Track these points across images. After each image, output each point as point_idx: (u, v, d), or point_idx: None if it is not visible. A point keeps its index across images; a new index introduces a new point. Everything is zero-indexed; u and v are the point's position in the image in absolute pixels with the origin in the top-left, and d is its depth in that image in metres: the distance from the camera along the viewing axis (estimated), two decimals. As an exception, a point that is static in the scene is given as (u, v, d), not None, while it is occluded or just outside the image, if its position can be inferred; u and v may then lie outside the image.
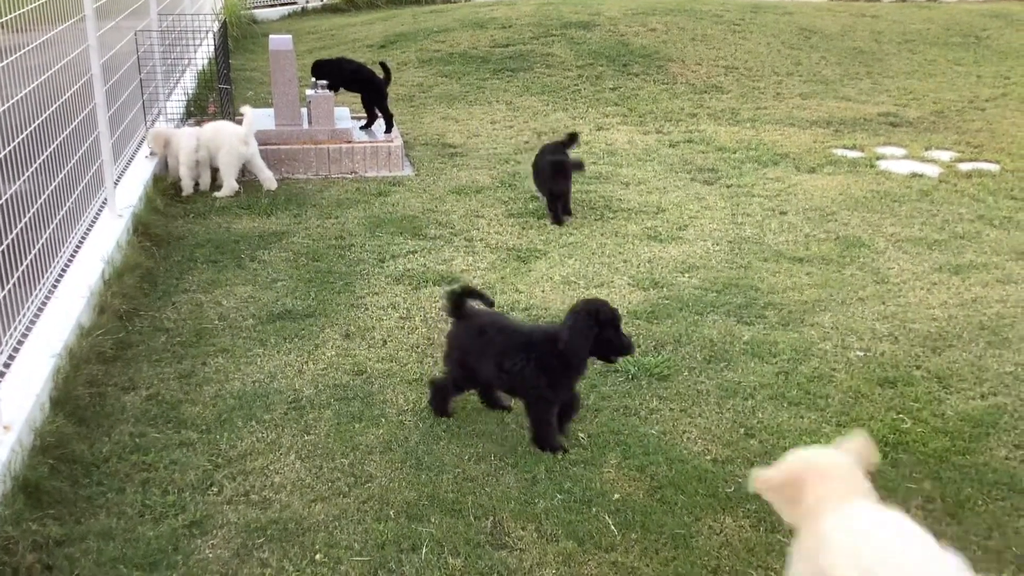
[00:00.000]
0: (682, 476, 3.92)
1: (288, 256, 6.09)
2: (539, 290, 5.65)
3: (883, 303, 5.53)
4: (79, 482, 3.79)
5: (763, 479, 2.98)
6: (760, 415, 4.38)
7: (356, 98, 8.57)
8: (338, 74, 8.05)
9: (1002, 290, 5.70)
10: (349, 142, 7.91)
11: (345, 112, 8.55)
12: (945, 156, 8.42)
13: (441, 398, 4.32)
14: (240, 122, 7.22)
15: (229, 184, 7.15)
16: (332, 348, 4.92)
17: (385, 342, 5.00)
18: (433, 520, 3.63)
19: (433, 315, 5.29)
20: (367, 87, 8.24)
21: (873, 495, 2.78)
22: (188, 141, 7.10)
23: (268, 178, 7.33)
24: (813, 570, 2.71)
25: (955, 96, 10.57)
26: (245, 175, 7.37)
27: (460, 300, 4.22)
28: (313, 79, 8.03)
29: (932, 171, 7.99)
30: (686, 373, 4.74)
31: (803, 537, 2.82)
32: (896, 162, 8.27)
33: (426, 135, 8.95)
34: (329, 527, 3.58)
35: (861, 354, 4.94)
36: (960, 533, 3.62)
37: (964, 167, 8.09)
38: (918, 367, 4.82)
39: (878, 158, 8.35)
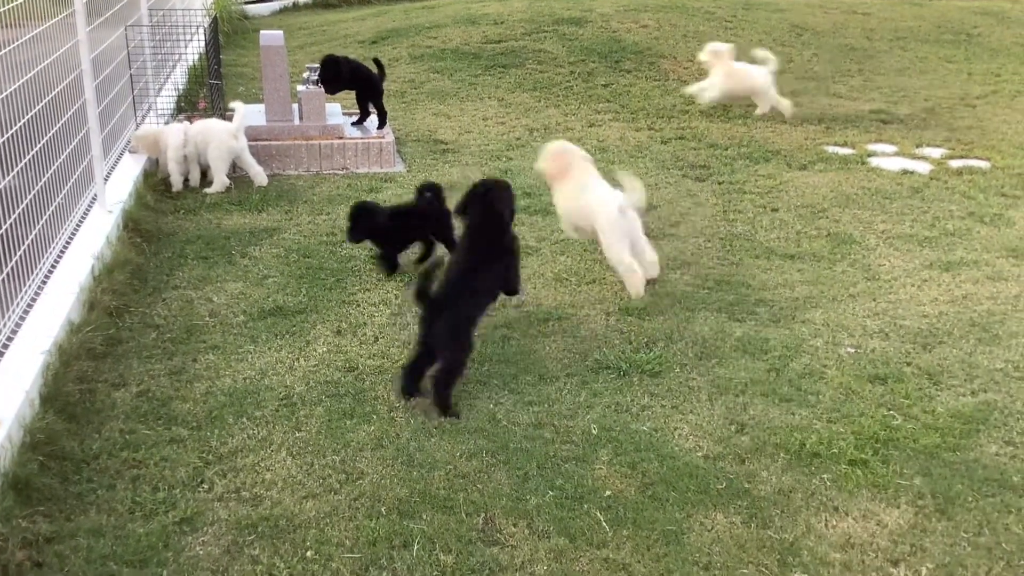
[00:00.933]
0: (673, 472, 3.92)
1: (279, 252, 6.07)
2: (531, 287, 5.64)
3: (874, 300, 5.55)
4: (69, 479, 3.78)
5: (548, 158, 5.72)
6: (751, 411, 4.38)
7: (348, 94, 8.55)
8: (338, 76, 7.98)
9: (992, 287, 5.72)
10: (340, 138, 7.89)
11: (336, 108, 8.53)
12: (936, 153, 8.44)
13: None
14: (231, 118, 7.20)
15: (219, 179, 7.13)
16: (323, 345, 4.92)
17: (376, 339, 4.99)
18: (424, 517, 3.62)
19: (425, 312, 5.28)
20: (364, 84, 8.22)
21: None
22: (175, 137, 7.07)
23: (258, 173, 7.31)
24: (573, 203, 5.66)
25: (946, 93, 10.59)
26: (236, 171, 7.35)
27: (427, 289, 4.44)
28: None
29: (923, 168, 8.01)
30: (677, 370, 4.75)
31: (563, 188, 5.70)
32: (887, 159, 8.28)
33: (418, 131, 8.93)
34: (320, 524, 3.58)
35: (852, 351, 4.96)
36: (950, 529, 3.63)
37: (955, 164, 8.11)
38: (909, 364, 4.83)
39: (869, 155, 8.36)
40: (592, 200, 5.55)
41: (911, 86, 10.93)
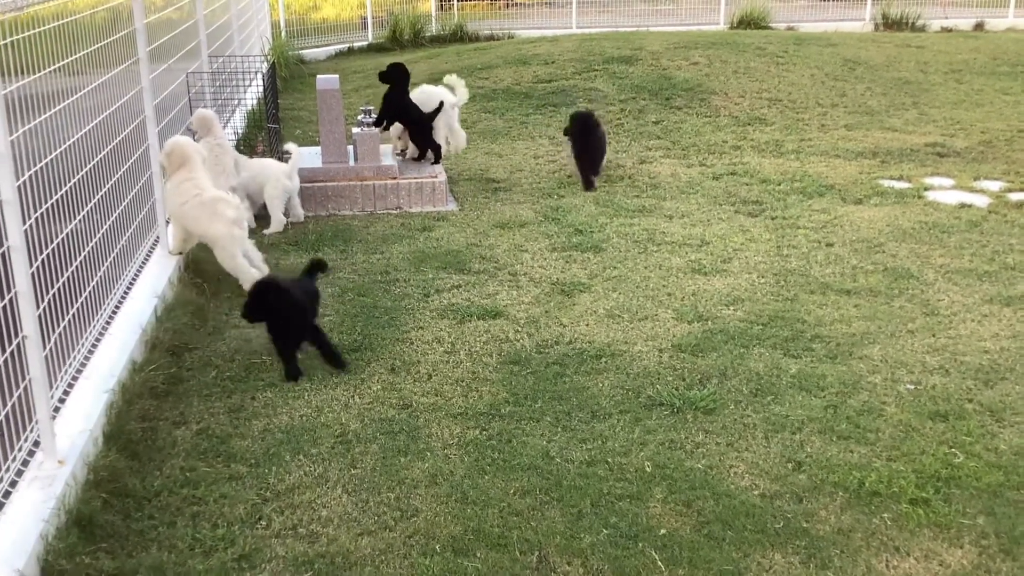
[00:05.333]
0: (729, 511, 3.88)
1: (335, 291, 6.16)
2: (583, 324, 5.65)
3: (933, 335, 5.46)
4: (131, 516, 3.85)
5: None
6: (808, 449, 4.33)
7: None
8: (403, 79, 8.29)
9: (1056, 321, 5.60)
10: (394, 178, 8.01)
11: (389, 149, 8.66)
12: (994, 186, 8.31)
13: None
14: (287, 160, 7.39)
15: (276, 218, 7.29)
16: (378, 382, 4.97)
17: (430, 376, 5.03)
18: (479, 554, 3.63)
19: (478, 349, 5.32)
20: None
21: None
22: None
23: (299, 215, 7.60)
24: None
25: (1003, 125, 10.44)
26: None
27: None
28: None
29: (981, 201, 7.89)
30: (732, 407, 4.71)
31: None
32: (944, 192, 8.17)
33: (470, 170, 9.03)
34: (375, 561, 3.60)
35: (911, 387, 4.88)
36: (1016, 570, 3.54)
37: (1014, 197, 7.97)
38: (970, 400, 4.74)
39: (926, 189, 8.26)
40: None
41: (967, 119, 10.79)
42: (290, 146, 7.42)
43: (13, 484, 3.72)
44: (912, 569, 3.56)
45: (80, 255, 4.75)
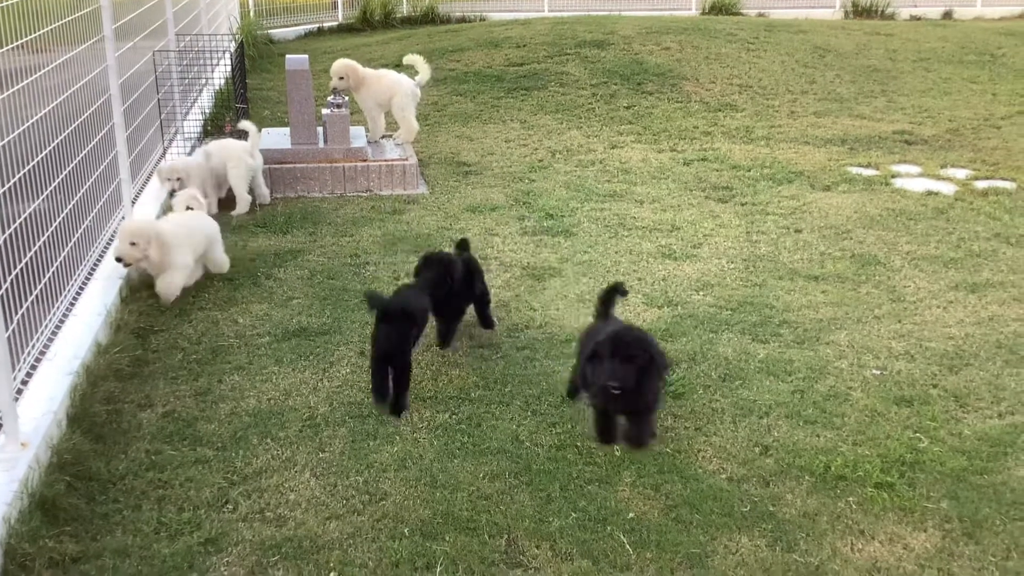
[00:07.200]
0: (697, 495, 3.91)
1: (303, 274, 6.12)
2: (554, 308, 5.65)
3: (899, 321, 5.51)
4: (95, 499, 3.81)
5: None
6: (776, 433, 4.36)
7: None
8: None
9: (1019, 308, 5.66)
10: (364, 160, 7.95)
11: (360, 131, 8.60)
12: (961, 174, 8.39)
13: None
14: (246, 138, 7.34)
15: (242, 197, 7.21)
16: (347, 366, 4.94)
17: (400, 360, 5.01)
18: (448, 538, 3.62)
19: (448, 333, 5.30)
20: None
21: None
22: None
23: (264, 194, 7.53)
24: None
25: (970, 114, 10.54)
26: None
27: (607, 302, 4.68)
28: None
29: (948, 189, 7.97)
30: (701, 391, 4.73)
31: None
32: (911, 180, 8.24)
33: (441, 153, 8.99)
34: (344, 545, 3.59)
35: (877, 372, 4.92)
36: (978, 553, 3.59)
37: (980, 185, 8.06)
38: (935, 386, 4.79)
39: (893, 176, 8.33)
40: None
41: (935, 107, 10.89)
42: (245, 124, 7.34)
43: (-26, 467, 3.67)
44: (877, 552, 3.60)
45: (43, 235, 4.68)
